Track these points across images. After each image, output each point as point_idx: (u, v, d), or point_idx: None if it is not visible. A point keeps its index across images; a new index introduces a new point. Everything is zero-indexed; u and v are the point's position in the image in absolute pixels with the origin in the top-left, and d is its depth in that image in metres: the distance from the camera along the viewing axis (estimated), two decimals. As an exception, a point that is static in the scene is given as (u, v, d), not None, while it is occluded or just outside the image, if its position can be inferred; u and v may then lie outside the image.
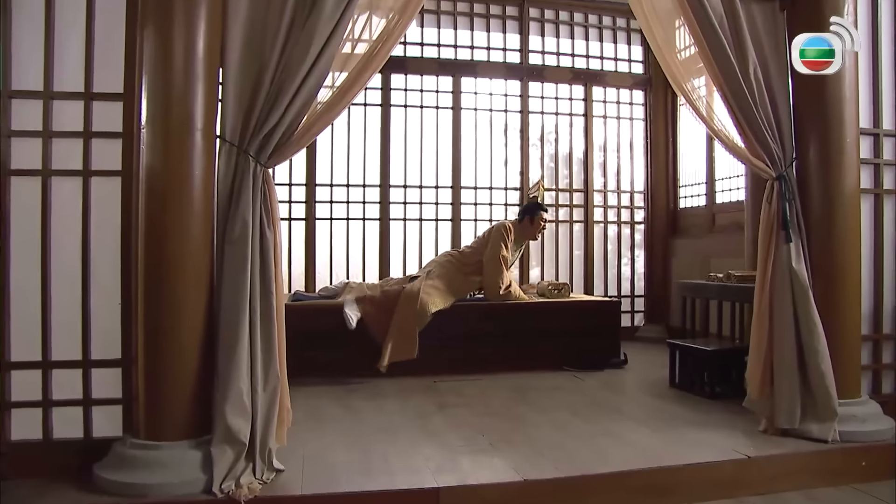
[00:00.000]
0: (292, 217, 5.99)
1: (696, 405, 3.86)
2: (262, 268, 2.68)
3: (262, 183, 2.71)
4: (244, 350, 2.58)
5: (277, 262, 2.75)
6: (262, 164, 2.71)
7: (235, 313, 2.58)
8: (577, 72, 6.64)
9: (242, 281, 2.60)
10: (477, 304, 5.01)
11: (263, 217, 2.70)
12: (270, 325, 2.68)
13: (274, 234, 2.74)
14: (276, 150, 2.75)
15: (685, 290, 4.95)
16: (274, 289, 2.70)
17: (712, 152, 6.12)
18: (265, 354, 2.67)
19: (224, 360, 2.56)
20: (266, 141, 2.71)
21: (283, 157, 2.81)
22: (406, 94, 6.27)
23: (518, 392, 4.22)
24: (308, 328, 4.54)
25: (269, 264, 2.69)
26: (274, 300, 2.69)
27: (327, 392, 4.20)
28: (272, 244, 2.71)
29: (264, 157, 2.71)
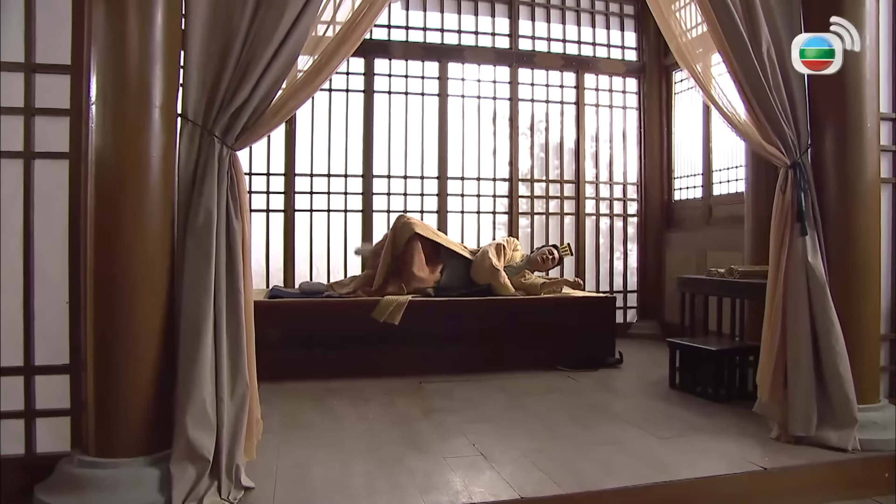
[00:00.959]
0: (270, 209, 5.70)
1: (701, 408, 3.63)
2: (229, 262, 2.41)
3: (229, 167, 2.44)
4: (208, 354, 2.30)
5: (246, 255, 2.48)
6: (228, 147, 2.43)
7: (198, 313, 2.30)
8: (568, 58, 6.38)
9: (206, 276, 2.33)
10: (465, 301, 4.75)
11: (230, 205, 2.43)
12: (238, 326, 2.41)
13: (242, 225, 2.47)
14: (244, 131, 2.47)
15: (684, 285, 4.71)
16: (242, 285, 2.43)
17: (709, 142, 5.89)
18: (232, 359, 2.40)
19: (185, 366, 2.28)
20: (233, 120, 2.44)
21: (252, 139, 2.53)
22: (390, 79, 5.98)
23: (510, 395, 3.97)
24: (287, 326, 4.29)
25: (237, 258, 2.41)
26: (242, 298, 2.42)
27: (306, 394, 3.94)
28: (240, 235, 2.44)
29: (231, 138, 2.44)
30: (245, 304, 2.45)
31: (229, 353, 2.38)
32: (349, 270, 5.81)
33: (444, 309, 4.65)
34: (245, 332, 2.43)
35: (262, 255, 5.67)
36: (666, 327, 6.22)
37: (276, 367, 4.12)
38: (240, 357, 2.40)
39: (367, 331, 4.42)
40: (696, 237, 5.98)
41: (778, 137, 3.05)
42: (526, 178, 6.30)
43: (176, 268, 2.37)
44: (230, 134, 2.43)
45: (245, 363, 2.42)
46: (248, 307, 2.47)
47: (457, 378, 4.35)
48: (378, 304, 4.48)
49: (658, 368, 4.65)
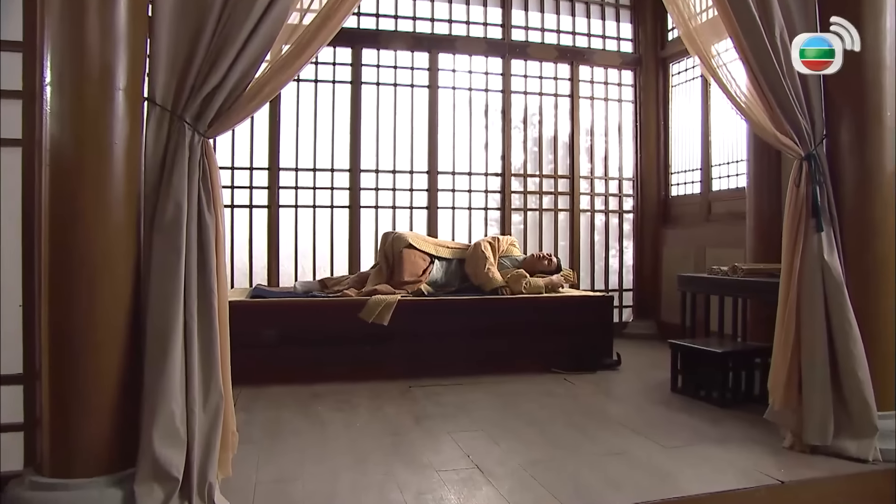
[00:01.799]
0: (254, 204, 5.49)
1: (706, 414, 3.45)
2: (201, 260, 2.19)
3: (201, 156, 2.22)
4: (177, 362, 2.09)
5: (220, 252, 2.27)
6: (200, 134, 2.21)
7: (166, 316, 2.09)
8: (562, 49, 6.20)
9: (175, 276, 2.11)
10: (455, 301, 4.56)
11: (202, 198, 2.21)
12: (211, 331, 2.19)
13: (216, 219, 2.25)
14: (218, 117, 2.25)
15: (684, 283, 4.53)
16: (215, 286, 2.21)
17: (708, 136, 5.71)
18: (204, 366, 2.18)
19: (152, 375, 2.07)
20: (206, 105, 2.22)
21: (226, 126, 2.31)
22: (378, 70, 5.77)
23: (504, 399, 3.77)
24: (270, 327, 4.12)
25: (209, 256, 2.20)
26: (215, 300, 2.20)
27: (290, 398, 3.73)
28: (213, 231, 2.22)
29: (203, 124, 2.22)
30: (219, 305, 2.23)
31: (201, 359, 2.17)
32: (336, 269, 5.61)
33: (434, 309, 4.46)
34: (219, 336, 2.21)
35: (245, 253, 5.47)
36: (663, 327, 6.07)
37: (258, 370, 3.98)
38: (213, 364, 2.19)
39: (354, 332, 4.22)
40: (695, 234, 5.80)
41: (792, 127, 2.86)
42: (519, 172, 6.12)
43: (142, 267, 2.15)
44: (202, 120, 2.21)
45: (219, 371, 2.20)
46: (222, 309, 2.25)
47: (447, 381, 4.16)
48: (366, 304, 4.27)
49: (657, 371, 4.48)
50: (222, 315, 2.26)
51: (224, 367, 2.26)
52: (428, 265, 4.75)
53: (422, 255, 4.75)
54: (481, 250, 4.83)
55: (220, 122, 2.26)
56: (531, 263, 4.99)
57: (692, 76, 5.98)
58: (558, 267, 5.10)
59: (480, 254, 4.81)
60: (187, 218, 2.15)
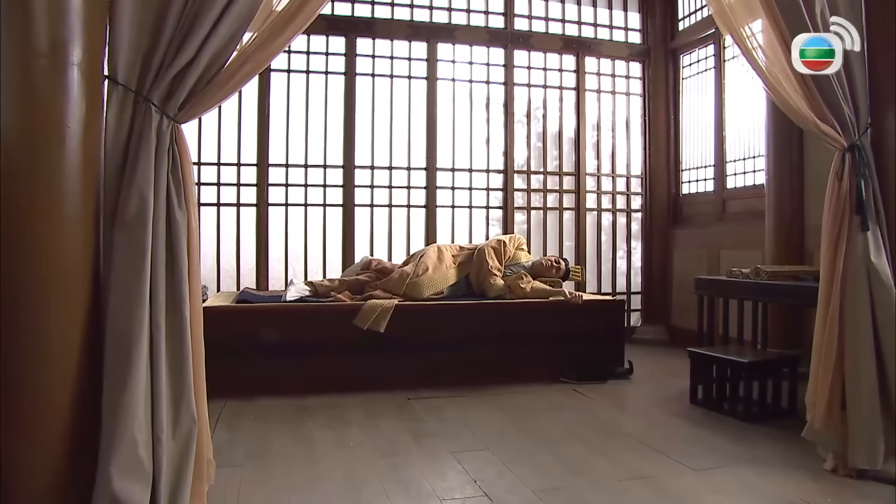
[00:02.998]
0: (241, 202, 5.23)
1: (733, 431, 3.18)
2: (170, 263, 1.92)
3: (171, 143, 1.95)
4: (141, 381, 1.81)
5: (193, 254, 1.99)
6: (170, 118, 1.94)
7: (128, 328, 1.81)
8: (567, 40, 5.95)
9: (139, 282, 1.83)
10: (457, 306, 4.29)
11: (172, 191, 1.94)
12: (182, 344, 1.92)
13: (188, 216, 1.98)
14: (190, 99, 1.98)
15: (702, 287, 4.27)
16: (187, 293, 1.93)
17: (722, 131, 5.45)
18: (174, 386, 1.91)
19: (111, 397, 1.79)
20: (176, 85, 1.95)
21: (200, 109, 2.04)
22: (374, 61, 5.52)
23: (511, 414, 3.50)
24: (257, 335, 3.85)
25: (179, 258, 1.92)
26: (187, 309, 1.93)
27: (278, 413, 3.46)
28: (184, 230, 1.95)
29: (173, 107, 1.94)
30: (191, 315, 1.96)
31: (170, 378, 1.90)
32: (329, 271, 5.35)
33: (433, 314, 4.19)
34: (191, 351, 1.94)
35: (232, 255, 5.22)
36: (674, 332, 5.82)
37: (244, 381, 3.75)
38: (184, 383, 1.91)
39: (347, 339, 3.96)
40: (708, 234, 5.55)
41: (834, 115, 2.61)
42: (522, 169, 5.88)
43: (102, 270, 1.87)
44: (172, 102, 1.94)
45: (191, 391, 1.93)
46: (195, 319, 1.98)
47: (449, 393, 3.89)
48: (361, 309, 4.00)
49: (673, 380, 4.24)
50: (195, 326, 1.99)
51: (198, 386, 1.99)
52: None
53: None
54: (484, 257, 4.58)
55: (193, 105, 1.99)
56: (537, 271, 4.73)
57: (704, 67, 5.72)
58: (567, 272, 4.84)
59: (484, 260, 4.56)
60: (154, 214, 1.88)
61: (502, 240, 4.79)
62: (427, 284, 4.32)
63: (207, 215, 5.13)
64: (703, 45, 5.71)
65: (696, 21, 5.79)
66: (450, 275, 4.49)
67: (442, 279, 4.42)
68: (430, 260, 4.46)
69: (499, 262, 4.64)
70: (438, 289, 4.39)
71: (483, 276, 4.54)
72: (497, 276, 4.54)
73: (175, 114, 1.95)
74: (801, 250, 4.43)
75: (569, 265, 4.88)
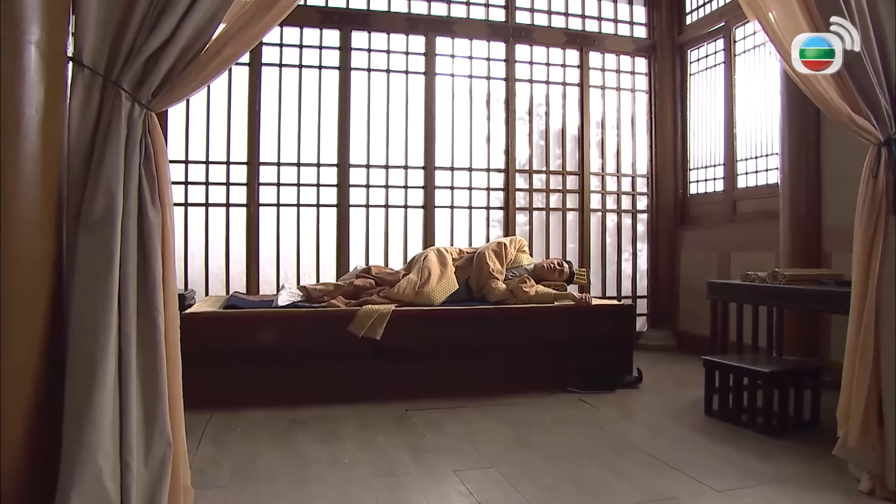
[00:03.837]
0: (231, 202, 5.04)
1: (754, 446, 3.00)
2: (143, 268, 1.73)
3: (144, 134, 1.76)
4: (107, 401, 1.62)
5: (168, 258, 1.81)
6: (143, 105, 1.76)
7: (94, 340, 1.62)
8: (571, 34, 5.77)
9: (107, 289, 1.65)
10: (456, 311, 4.10)
11: (145, 186, 1.75)
12: (156, 359, 1.72)
13: (163, 215, 1.79)
14: (165, 85, 1.79)
15: (715, 291, 4.08)
16: (161, 300, 1.74)
17: (733, 129, 5.27)
18: (146, 406, 1.72)
19: (73, 420, 1.60)
20: (150, 69, 1.76)
21: (177, 96, 1.85)
22: (370, 55, 5.33)
23: (516, 427, 3.31)
24: (246, 342, 3.66)
25: (153, 262, 1.73)
26: (161, 318, 1.74)
27: (267, 426, 3.27)
28: (158, 230, 1.76)
29: (146, 93, 1.76)
30: (167, 326, 1.76)
31: (142, 397, 1.70)
32: (322, 274, 5.16)
33: (433, 320, 3.99)
34: (166, 365, 1.74)
35: (221, 257, 5.04)
36: (681, 338, 5.65)
37: (232, 392, 3.58)
38: (157, 402, 1.72)
39: (342, 347, 3.76)
40: (717, 236, 5.37)
41: (869, 107, 2.43)
42: (524, 168, 5.71)
43: (65, 276, 1.68)
44: (145, 88, 1.75)
45: (166, 411, 1.74)
46: (170, 331, 1.79)
47: (449, 404, 3.70)
48: (356, 315, 3.81)
49: (685, 389, 4.08)
50: (171, 337, 1.80)
51: (173, 404, 1.80)
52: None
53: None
54: (485, 260, 4.39)
55: (169, 92, 1.80)
56: (540, 274, 4.54)
57: (713, 63, 5.54)
58: (571, 275, 4.65)
59: (484, 263, 4.37)
60: (124, 212, 1.70)
61: (503, 242, 4.61)
62: (440, 291, 4.13)
63: (195, 216, 4.96)
64: (711, 39, 5.53)
65: (704, 14, 5.62)
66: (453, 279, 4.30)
67: (451, 284, 4.23)
68: (433, 265, 4.25)
69: (500, 266, 4.45)
70: (450, 293, 4.20)
71: (484, 280, 4.35)
72: (499, 279, 4.35)
73: (148, 101, 1.76)
74: (819, 253, 4.26)
75: (573, 268, 4.70)
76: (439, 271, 4.26)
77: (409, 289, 4.08)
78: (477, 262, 4.44)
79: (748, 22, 5.07)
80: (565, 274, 4.60)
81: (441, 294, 4.15)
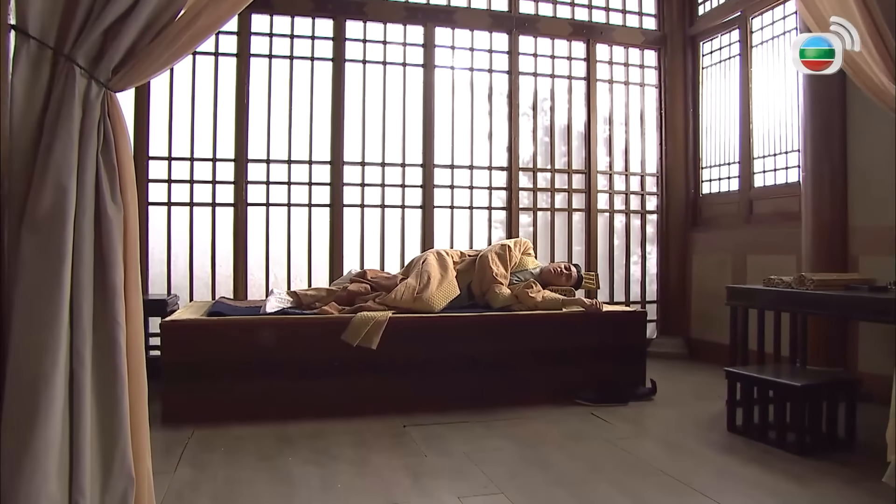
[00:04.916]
0: (216, 202, 4.83)
1: (786, 467, 2.77)
2: (101, 274, 1.50)
3: (103, 118, 1.53)
4: (53, 436, 1.39)
5: (131, 261, 1.57)
6: (101, 83, 1.52)
7: (37, 361, 1.39)
8: (577, 25, 5.57)
9: (55, 300, 1.41)
10: (457, 318, 3.87)
11: (103, 179, 1.52)
12: (115, 382, 1.49)
13: (125, 212, 1.54)
14: (128, 61, 1.56)
15: (735, 296, 3.86)
16: (122, 312, 1.51)
17: (749, 125, 5.06)
18: (104, 439, 1.49)
19: (11, 460, 1.36)
20: (109, 42, 1.53)
21: (142, 74, 1.62)
22: (365, 45, 5.12)
23: (524, 445, 3.08)
24: (231, 352, 3.45)
25: (113, 267, 1.50)
26: (122, 334, 1.50)
27: (253, 444, 3.05)
28: (119, 229, 1.52)
29: (105, 70, 1.53)
30: (129, 342, 1.53)
31: (98, 428, 1.47)
32: (315, 278, 4.95)
33: (433, 328, 3.76)
34: (126, 389, 1.50)
35: (206, 260, 4.84)
36: (693, 345, 5.45)
37: (216, 406, 3.37)
38: (117, 433, 1.49)
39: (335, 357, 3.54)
40: (732, 238, 5.16)
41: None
42: (528, 166, 5.50)
43: (5, 284, 1.44)
44: (103, 63, 1.52)
45: (126, 442, 1.50)
46: (133, 348, 1.56)
47: (451, 419, 3.47)
48: (350, 322, 3.58)
49: (702, 402, 3.90)
50: (134, 356, 1.56)
51: (138, 433, 1.57)
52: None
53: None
54: (489, 264, 4.16)
55: (133, 69, 1.57)
56: (546, 279, 4.32)
57: (728, 55, 5.34)
58: (579, 279, 4.43)
59: (487, 267, 4.15)
60: (77, 209, 1.47)
61: (507, 244, 4.38)
62: (440, 297, 3.89)
63: (179, 216, 4.76)
64: (726, 30, 5.32)
65: (718, 4, 5.41)
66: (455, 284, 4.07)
67: (452, 289, 4.01)
68: (432, 269, 4.02)
69: (504, 269, 4.23)
70: (451, 299, 3.97)
71: (487, 285, 4.13)
72: (503, 284, 4.13)
73: (108, 79, 1.53)
74: (845, 256, 4.04)
75: (580, 271, 4.48)
76: (439, 275, 4.03)
77: (408, 294, 3.85)
78: (479, 265, 4.21)
79: (766, 11, 4.88)
80: (573, 278, 4.39)
81: (441, 300, 3.93)
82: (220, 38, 4.77)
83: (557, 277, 4.32)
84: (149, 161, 4.60)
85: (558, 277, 4.32)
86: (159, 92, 4.65)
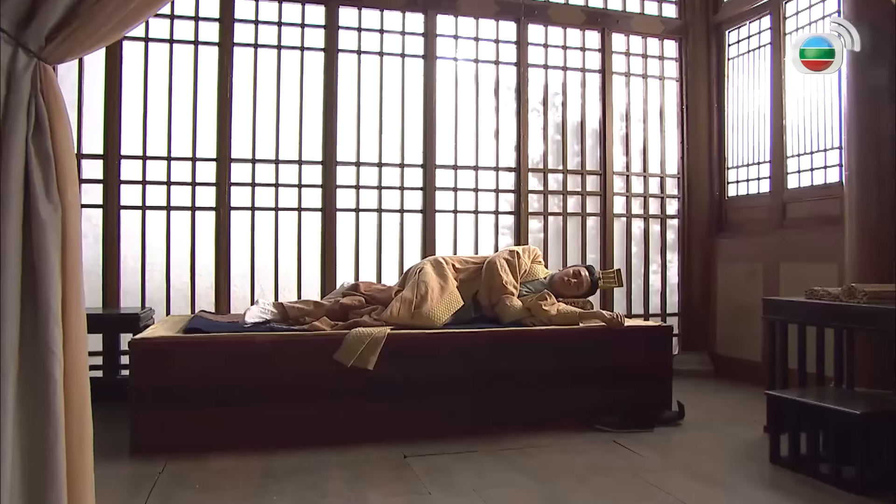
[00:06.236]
0: (197, 206, 4.63)
1: (845, 508, 2.53)
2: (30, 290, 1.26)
3: (34, 96, 1.29)
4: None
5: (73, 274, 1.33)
6: (32, 53, 1.28)
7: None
8: (591, 13, 5.41)
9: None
10: (462, 334, 3.65)
11: (35, 171, 1.29)
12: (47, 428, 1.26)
13: (63, 213, 1.31)
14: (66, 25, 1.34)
15: (774, 310, 3.63)
16: (58, 339, 1.27)
17: (782, 120, 4.85)
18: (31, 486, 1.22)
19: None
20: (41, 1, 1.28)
21: (85, 43, 1.40)
22: (360, 34, 4.95)
23: (540, 480, 2.85)
24: (210, 374, 3.25)
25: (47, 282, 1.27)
26: (59, 366, 1.27)
27: (233, 479, 2.83)
28: (57, 234, 1.29)
29: (36, 36, 1.31)
30: (68, 376, 1.28)
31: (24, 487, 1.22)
32: (304, 289, 4.76)
33: (436, 346, 3.55)
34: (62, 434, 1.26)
35: (185, 269, 4.67)
36: (718, 362, 5.25)
37: (192, 435, 3.15)
38: (48, 491, 1.23)
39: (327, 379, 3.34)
40: (762, 245, 4.95)
41: None
42: (538, 167, 5.33)
43: None
44: (33, 27, 1.29)
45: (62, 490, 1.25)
46: (74, 384, 1.31)
47: (456, 448, 3.25)
48: (344, 340, 3.34)
49: (736, 427, 3.70)
50: (75, 394, 1.32)
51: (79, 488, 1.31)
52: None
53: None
54: (497, 271, 3.93)
55: (71, 36, 1.35)
56: (556, 289, 4.06)
57: (757, 44, 5.14)
58: (593, 284, 4.16)
59: (496, 274, 3.91)
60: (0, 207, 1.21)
61: (516, 251, 4.15)
62: (442, 310, 3.67)
63: (155, 221, 4.56)
64: (755, 16, 5.13)
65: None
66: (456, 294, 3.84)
67: (454, 300, 3.78)
68: (429, 279, 3.79)
69: (514, 278, 3.99)
70: (454, 312, 3.74)
71: (497, 295, 3.89)
72: (514, 295, 3.89)
73: (40, 47, 1.31)
74: (894, 265, 3.81)
75: (594, 274, 4.20)
76: (438, 286, 3.79)
77: (404, 310, 3.62)
78: (487, 273, 3.98)
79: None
80: (584, 286, 4.11)
81: (444, 313, 3.70)
82: (200, 25, 4.59)
83: (566, 287, 4.06)
84: (121, 160, 4.42)
85: (566, 287, 4.07)
86: (132, 84, 4.48)
